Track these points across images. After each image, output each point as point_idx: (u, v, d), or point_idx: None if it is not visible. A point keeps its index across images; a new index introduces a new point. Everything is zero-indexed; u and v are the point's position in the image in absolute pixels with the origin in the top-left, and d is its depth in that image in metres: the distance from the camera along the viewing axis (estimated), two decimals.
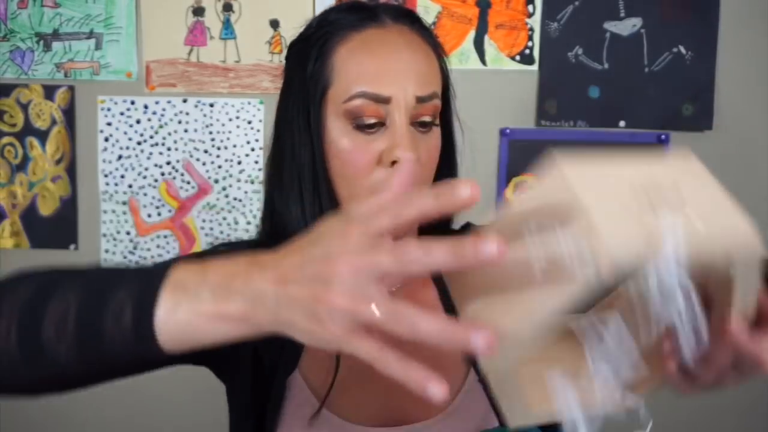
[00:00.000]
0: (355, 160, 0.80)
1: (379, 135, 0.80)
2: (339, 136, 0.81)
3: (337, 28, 0.83)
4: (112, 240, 1.60)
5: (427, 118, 0.81)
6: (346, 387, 0.80)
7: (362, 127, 0.80)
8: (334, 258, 0.46)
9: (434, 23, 1.53)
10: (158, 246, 1.60)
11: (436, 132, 0.83)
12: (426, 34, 0.85)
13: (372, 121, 0.79)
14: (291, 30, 0.90)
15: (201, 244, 1.59)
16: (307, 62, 0.83)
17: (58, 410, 1.63)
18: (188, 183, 1.59)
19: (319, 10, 1.52)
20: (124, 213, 1.59)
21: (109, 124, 1.58)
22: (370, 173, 0.80)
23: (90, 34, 1.56)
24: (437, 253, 0.44)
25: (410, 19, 0.85)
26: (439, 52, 0.85)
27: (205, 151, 1.58)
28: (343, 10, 0.85)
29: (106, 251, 1.60)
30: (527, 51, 1.55)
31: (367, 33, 0.82)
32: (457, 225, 0.95)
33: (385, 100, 0.79)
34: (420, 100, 0.80)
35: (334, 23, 0.84)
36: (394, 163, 0.78)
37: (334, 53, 0.82)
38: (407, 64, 0.80)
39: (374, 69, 0.80)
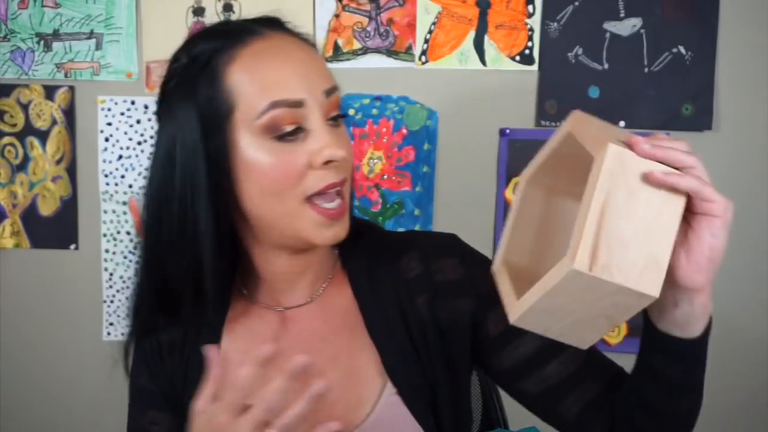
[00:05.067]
0: (283, 170, 0.78)
1: (300, 141, 0.78)
2: (259, 155, 0.78)
3: (217, 52, 0.80)
4: (112, 240, 1.60)
5: (335, 112, 0.82)
6: None
7: (283, 137, 0.78)
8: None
9: (434, 23, 1.53)
10: None
11: (344, 125, 0.85)
12: (300, 35, 0.86)
13: (291, 128, 0.78)
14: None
15: None
16: (194, 98, 0.79)
17: (57, 412, 1.63)
18: None
19: (319, 11, 1.52)
20: (125, 213, 1.60)
21: (109, 124, 1.58)
22: (301, 180, 0.78)
23: (90, 35, 1.56)
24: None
25: (279, 24, 0.86)
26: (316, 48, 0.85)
27: None
28: (209, 35, 0.83)
29: (107, 251, 1.60)
30: (527, 51, 1.55)
31: (254, 46, 0.80)
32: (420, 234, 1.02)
33: (299, 104, 0.78)
34: (328, 93, 0.80)
35: (209, 50, 0.81)
36: (327, 162, 0.77)
37: (226, 76, 0.79)
38: (305, 64, 0.80)
39: (278, 77, 0.79)
